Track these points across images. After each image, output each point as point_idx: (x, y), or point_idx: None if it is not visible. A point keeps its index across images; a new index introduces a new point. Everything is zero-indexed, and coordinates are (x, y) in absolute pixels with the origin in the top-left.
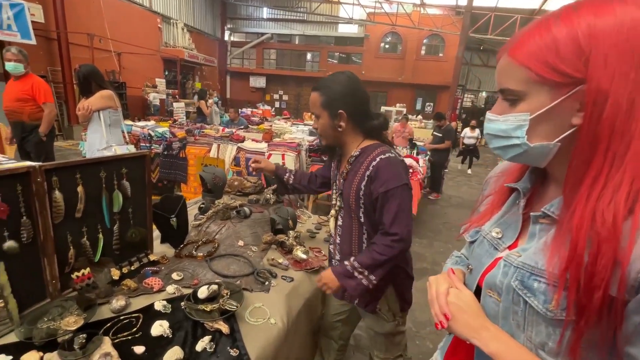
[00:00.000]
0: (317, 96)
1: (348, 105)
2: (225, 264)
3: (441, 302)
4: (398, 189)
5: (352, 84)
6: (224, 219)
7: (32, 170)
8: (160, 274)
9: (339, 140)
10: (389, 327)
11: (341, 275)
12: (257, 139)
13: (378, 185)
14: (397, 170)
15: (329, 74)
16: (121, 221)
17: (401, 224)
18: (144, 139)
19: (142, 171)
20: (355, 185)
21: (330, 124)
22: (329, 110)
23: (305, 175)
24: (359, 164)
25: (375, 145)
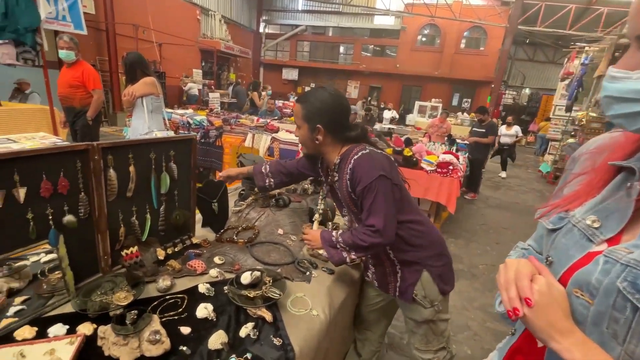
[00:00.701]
0: (300, 108)
1: (325, 121)
2: (265, 250)
3: (523, 285)
4: (373, 182)
5: (333, 101)
6: (264, 207)
7: (90, 147)
8: (203, 257)
9: (318, 150)
10: (427, 313)
11: (326, 241)
12: (290, 130)
13: (356, 186)
14: (371, 164)
15: (313, 89)
16: (167, 203)
17: (377, 216)
18: (182, 126)
19: (188, 154)
20: (346, 193)
21: (309, 136)
22: (308, 123)
23: (281, 172)
24: (341, 170)
25: (352, 147)
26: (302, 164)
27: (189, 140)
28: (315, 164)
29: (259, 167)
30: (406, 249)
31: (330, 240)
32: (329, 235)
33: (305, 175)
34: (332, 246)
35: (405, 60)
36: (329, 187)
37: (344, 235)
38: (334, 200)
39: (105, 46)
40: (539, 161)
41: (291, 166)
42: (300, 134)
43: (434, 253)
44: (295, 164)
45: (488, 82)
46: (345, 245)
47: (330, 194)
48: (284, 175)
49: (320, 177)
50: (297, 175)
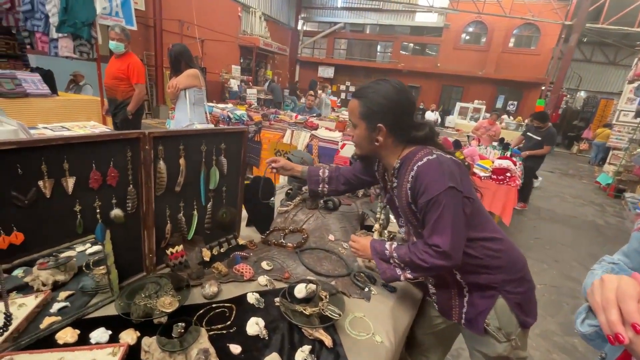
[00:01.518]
0: (357, 104)
1: (389, 119)
2: (316, 258)
3: (629, 309)
4: (440, 195)
5: (397, 95)
6: (312, 208)
7: (141, 136)
8: (249, 260)
9: (375, 153)
10: (502, 348)
11: (377, 253)
12: (330, 128)
13: (419, 197)
14: (438, 172)
15: (372, 81)
16: (215, 199)
17: (443, 235)
18: (223, 120)
19: (239, 148)
20: (405, 203)
21: (366, 136)
22: (367, 122)
23: (338, 180)
24: (402, 177)
25: (415, 151)
26: (357, 168)
27: (241, 132)
28: (371, 166)
29: (315, 170)
30: (478, 270)
31: (382, 252)
32: (381, 246)
33: (363, 182)
34: (384, 260)
35: (446, 59)
36: (388, 194)
37: (399, 250)
38: (390, 207)
39: (152, 41)
40: (594, 171)
41: (348, 173)
42: (356, 133)
43: (514, 277)
44: (351, 170)
45: (538, 83)
46: (400, 262)
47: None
48: (340, 184)
49: (378, 182)
50: (355, 184)
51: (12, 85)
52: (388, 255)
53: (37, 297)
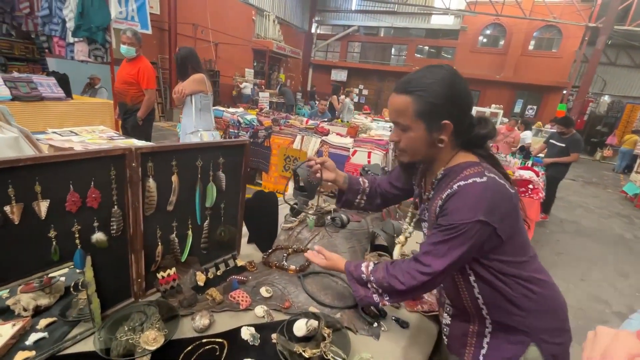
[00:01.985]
0: (408, 102)
1: (454, 114)
2: (320, 285)
3: None
4: (464, 225)
5: (457, 82)
6: (318, 225)
7: (127, 153)
8: (248, 285)
9: (430, 157)
10: None
11: (353, 278)
12: (341, 133)
13: (441, 215)
14: (476, 199)
15: (417, 69)
16: (212, 217)
17: (442, 259)
18: (233, 125)
19: (239, 162)
20: (433, 220)
21: (426, 139)
22: (427, 121)
23: (376, 192)
24: (439, 190)
25: (464, 165)
26: (395, 178)
27: (241, 145)
28: (412, 175)
29: (356, 179)
30: (511, 310)
31: (359, 276)
32: (357, 270)
33: (399, 196)
34: (360, 283)
35: (463, 62)
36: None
37: (376, 273)
38: (421, 221)
39: (167, 45)
40: (620, 179)
41: (385, 185)
42: (409, 137)
43: (553, 326)
44: (387, 181)
45: (559, 87)
46: (377, 287)
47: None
48: (377, 198)
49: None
50: (390, 199)
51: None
52: (365, 279)
53: (14, 326)
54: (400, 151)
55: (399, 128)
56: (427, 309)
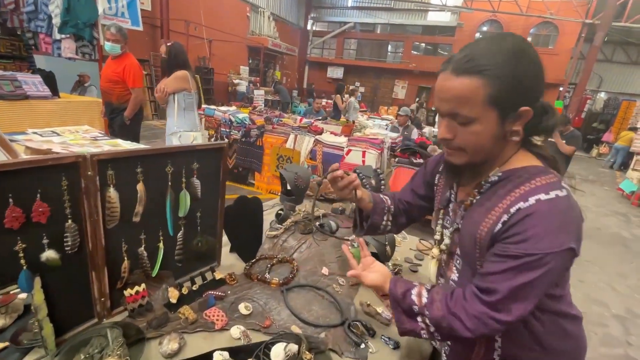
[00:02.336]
0: (477, 85)
1: (532, 97)
2: (305, 300)
3: None
4: (550, 256)
5: (533, 55)
6: (305, 233)
7: (81, 160)
8: (226, 301)
9: (492, 156)
10: None
11: (400, 306)
12: (335, 132)
13: (511, 240)
14: (562, 223)
15: (483, 40)
16: (187, 227)
17: (527, 301)
18: (224, 123)
19: (216, 167)
20: (486, 229)
21: (495, 133)
22: (501, 110)
23: (400, 209)
24: (496, 196)
25: (533, 170)
26: (418, 182)
27: (218, 149)
28: (455, 179)
29: (379, 197)
30: (531, 346)
31: (408, 307)
32: (406, 298)
33: (423, 210)
34: (407, 314)
35: None
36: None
37: (434, 310)
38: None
39: (159, 42)
40: (616, 177)
41: (409, 197)
42: (472, 132)
43: None
44: (408, 190)
45: (556, 84)
46: (432, 325)
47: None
48: (403, 216)
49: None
50: (414, 215)
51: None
52: (417, 311)
53: None
54: (453, 150)
55: (456, 121)
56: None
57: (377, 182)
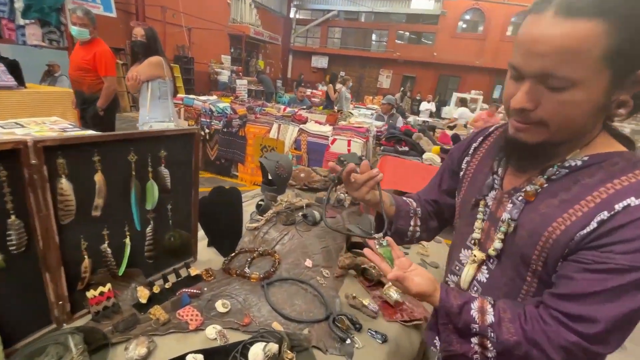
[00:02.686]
0: (598, 31)
1: None
2: (287, 294)
3: None
4: None
5: None
6: (287, 224)
7: (22, 147)
8: (202, 298)
9: (577, 134)
10: None
11: (452, 322)
12: (320, 121)
13: (625, 248)
14: None
15: None
16: (157, 221)
17: (628, 331)
18: (204, 113)
19: (187, 154)
20: (563, 228)
21: (601, 102)
22: (617, 70)
23: (428, 214)
24: (580, 186)
25: (629, 157)
26: (448, 176)
27: (189, 135)
28: (530, 165)
29: (401, 199)
30: None
31: (466, 324)
32: (465, 313)
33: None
34: (461, 334)
35: (443, 48)
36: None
37: (503, 332)
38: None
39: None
40: None
41: (434, 194)
42: (566, 100)
43: None
44: (435, 185)
45: None
46: (496, 347)
47: None
48: (433, 219)
49: None
50: (447, 215)
51: None
52: (477, 331)
53: None
54: (528, 125)
55: (546, 85)
56: (407, 317)
57: None
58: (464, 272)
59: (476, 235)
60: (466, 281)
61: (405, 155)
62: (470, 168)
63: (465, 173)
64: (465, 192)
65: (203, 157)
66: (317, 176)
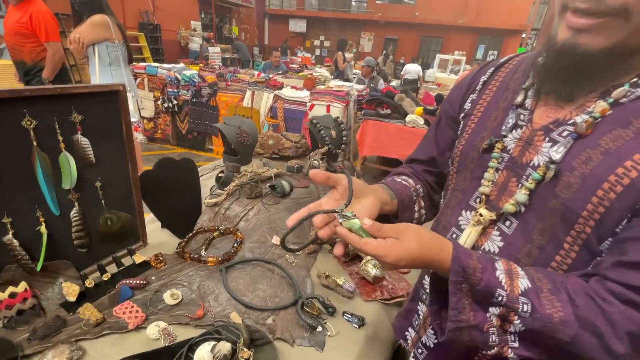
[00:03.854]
0: None
1: None
2: (250, 278)
3: None
4: None
5: None
6: (252, 197)
7: None
8: (148, 290)
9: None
10: None
11: (467, 281)
12: (297, 86)
13: None
14: None
15: None
16: (83, 202)
17: None
18: (170, 83)
19: (114, 119)
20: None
21: None
22: None
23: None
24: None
25: None
26: (441, 124)
27: (112, 94)
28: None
29: (401, 186)
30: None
31: (485, 285)
32: (487, 267)
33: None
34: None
35: (425, 7)
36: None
37: (543, 304)
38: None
39: None
40: None
41: (432, 151)
42: None
43: None
44: (432, 138)
45: (519, 30)
46: (529, 325)
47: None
48: (436, 192)
49: None
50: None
51: None
52: (502, 300)
53: None
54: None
55: None
56: (387, 295)
57: (338, 134)
58: (462, 238)
59: (484, 189)
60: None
61: (387, 119)
62: (478, 107)
63: (470, 114)
64: (469, 138)
65: (174, 131)
66: (288, 142)
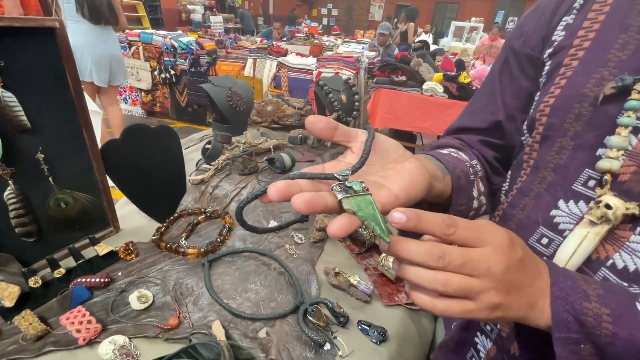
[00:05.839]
0: None
1: None
2: (240, 275)
3: None
4: None
5: None
6: (246, 173)
7: None
8: (112, 290)
9: None
10: None
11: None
12: (302, 53)
13: None
14: None
15: None
16: (22, 180)
17: None
18: (167, 52)
19: (52, 67)
20: None
21: None
22: None
23: (489, 165)
24: None
25: None
26: (516, 88)
27: (46, 30)
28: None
29: (456, 162)
30: None
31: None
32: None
33: (515, 140)
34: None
35: None
36: None
37: None
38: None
39: None
40: None
41: (492, 116)
42: None
43: None
44: (497, 96)
45: None
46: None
47: None
48: (498, 172)
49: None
50: (518, 139)
51: None
52: (591, 324)
53: None
54: None
55: None
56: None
57: (349, 99)
58: (567, 248)
59: (607, 163)
60: (571, 264)
61: (403, 87)
62: (582, 33)
63: (566, 47)
64: (569, 83)
65: (173, 104)
66: (290, 109)
